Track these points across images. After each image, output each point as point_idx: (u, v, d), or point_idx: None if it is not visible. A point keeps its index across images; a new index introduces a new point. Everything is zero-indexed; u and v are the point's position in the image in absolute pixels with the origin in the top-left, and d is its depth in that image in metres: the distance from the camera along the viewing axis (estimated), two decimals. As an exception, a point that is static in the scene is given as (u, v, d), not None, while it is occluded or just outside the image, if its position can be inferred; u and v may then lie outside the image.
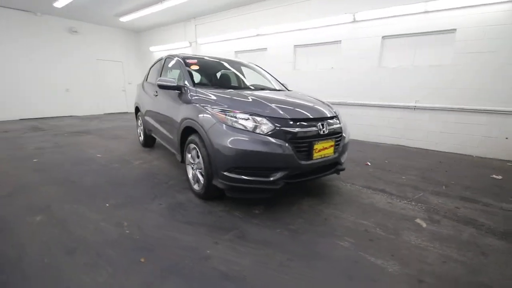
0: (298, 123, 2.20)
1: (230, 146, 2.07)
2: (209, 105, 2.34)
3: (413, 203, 2.65)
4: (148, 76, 4.55)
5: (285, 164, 2.13)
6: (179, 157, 2.95)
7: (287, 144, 2.11)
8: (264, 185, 2.14)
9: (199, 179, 2.52)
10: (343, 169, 2.73)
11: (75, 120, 8.25)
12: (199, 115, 2.37)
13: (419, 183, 3.19)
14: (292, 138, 2.15)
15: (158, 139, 4.01)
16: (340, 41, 5.80)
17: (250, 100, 2.39)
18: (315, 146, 2.23)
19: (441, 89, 4.77)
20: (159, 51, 10.24)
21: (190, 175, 2.72)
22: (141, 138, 4.76)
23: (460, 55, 4.51)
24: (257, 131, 2.11)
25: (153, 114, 3.74)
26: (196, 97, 2.59)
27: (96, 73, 9.75)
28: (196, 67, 3.18)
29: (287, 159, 2.11)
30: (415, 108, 5.10)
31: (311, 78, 6.36)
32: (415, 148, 5.13)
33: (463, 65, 4.50)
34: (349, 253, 1.81)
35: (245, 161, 2.07)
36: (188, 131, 2.64)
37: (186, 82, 2.88)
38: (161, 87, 2.89)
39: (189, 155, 2.67)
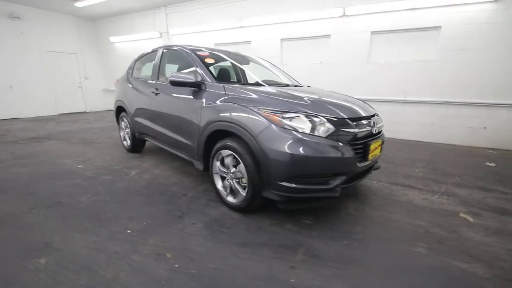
0: (355, 123, 2.02)
1: (289, 152, 1.79)
2: (252, 105, 2.01)
3: (444, 196, 2.69)
4: (134, 71, 3.94)
5: (346, 168, 1.94)
6: (199, 166, 2.55)
7: (347, 146, 1.92)
8: (324, 193, 1.92)
9: (236, 190, 2.19)
10: (378, 167, 2.66)
11: (26, 123, 6.92)
12: (241, 116, 2.03)
13: (435, 176, 3.29)
14: (352, 139, 1.96)
15: (155, 144, 3.48)
16: (329, 35, 5.76)
17: (307, 100, 2.09)
18: (371, 147, 2.08)
19: (428, 84, 5.05)
20: (122, 41, 9.16)
21: (219, 186, 2.37)
22: (127, 142, 4.12)
23: (445, 51, 4.80)
24: (316, 133, 1.87)
25: (152, 115, 3.22)
26: (227, 96, 2.23)
27: (47, 67, 8.29)
28: (211, 61, 2.78)
29: (348, 162, 1.92)
30: (403, 102, 5.33)
31: (299, 73, 6.21)
32: (405, 140, 5.38)
33: (447, 61, 4.80)
34: (430, 260, 1.71)
35: (307, 168, 1.83)
36: (216, 135, 2.28)
37: (206, 78, 2.49)
38: (175, 83, 2.46)
39: (217, 163, 2.32)
